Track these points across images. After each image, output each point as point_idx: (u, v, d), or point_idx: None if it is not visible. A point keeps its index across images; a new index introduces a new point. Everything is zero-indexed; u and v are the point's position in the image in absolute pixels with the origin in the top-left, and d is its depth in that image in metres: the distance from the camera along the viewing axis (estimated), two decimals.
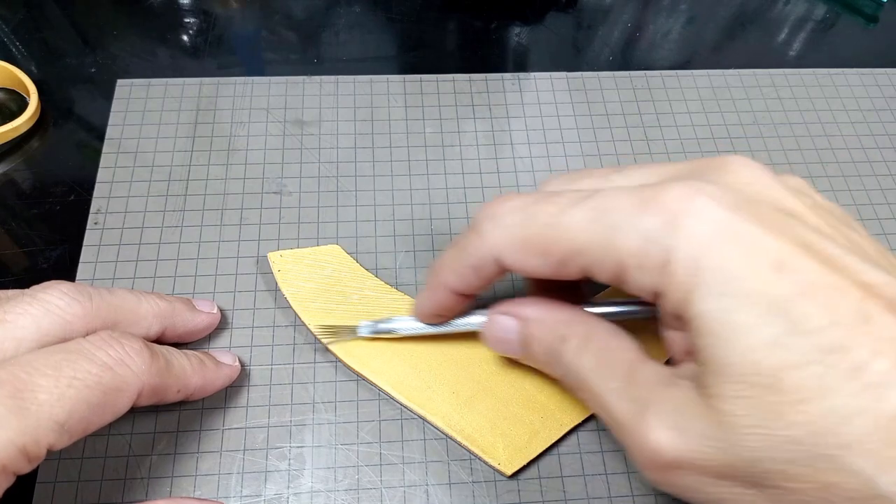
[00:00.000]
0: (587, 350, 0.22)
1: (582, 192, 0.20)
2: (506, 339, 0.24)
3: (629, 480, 0.26)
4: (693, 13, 0.41)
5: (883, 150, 0.35)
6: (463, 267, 0.23)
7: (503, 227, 0.21)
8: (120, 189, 0.32)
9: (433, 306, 0.25)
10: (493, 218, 0.22)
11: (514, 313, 0.24)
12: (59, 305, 0.22)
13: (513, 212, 0.21)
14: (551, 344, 0.23)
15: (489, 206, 0.22)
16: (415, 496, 0.25)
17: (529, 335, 0.23)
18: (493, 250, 0.21)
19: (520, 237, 0.21)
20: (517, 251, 0.21)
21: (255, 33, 0.39)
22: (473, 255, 0.22)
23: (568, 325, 0.23)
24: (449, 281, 0.24)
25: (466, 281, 0.23)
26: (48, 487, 0.25)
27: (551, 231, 0.20)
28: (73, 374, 0.20)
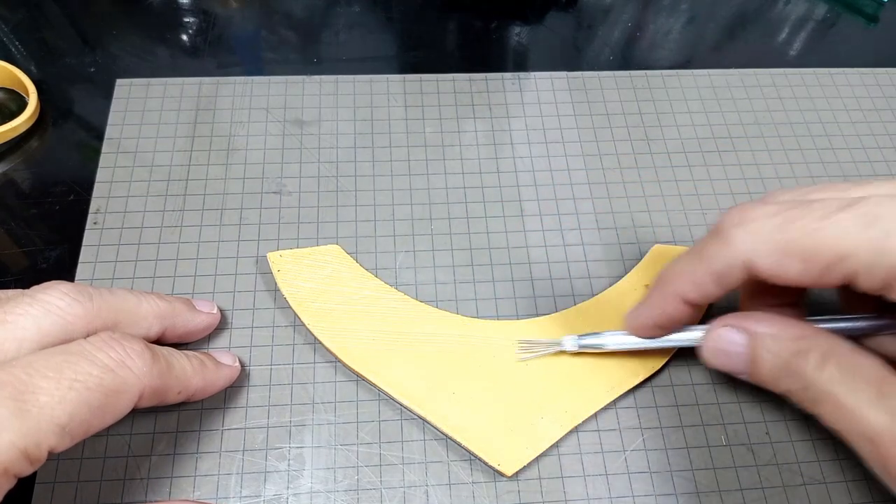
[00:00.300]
0: (831, 364, 0.21)
1: (843, 200, 0.20)
2: (732, 353, 0.24)
3: (629, 481, 0.26)
4: (693, 13, 0.41)
5: (883, 150, 0.35)
6: (703, 274, 0.22)
7: (757, 233, 0.21)
8: (119, 189, 0.32)
9: (658, 317, 0.25)
10: (745, 223, 0.21)
11: (743, 327, 0.23)
12: (59, 306, 0.22)
13: (768, 216, 0.21)
14: (787, 359, 0.22)
15: (736, 212, 0.22)
16: (415, 497, 0.25)
17: (760, 350, 0.23)
18: (744, 256, 0.21)
19: (781, 241, 0.21)
20: (775, 256, 0.21)
21: (254, 33, 0.38)
22: (718, 262, 0.22)
23: (805, 341, 0.22)
24: (684, 289, 0.23)
25: (704, 290, 0.23)
26: (48, 488, 0.25)
27: (817, 236, 0.20)
28: (74, 376, 0.20)
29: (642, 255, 0.31)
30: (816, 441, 0.27)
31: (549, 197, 0.33)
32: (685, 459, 0.27)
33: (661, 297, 0.24)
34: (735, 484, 0.26)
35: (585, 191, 0.33)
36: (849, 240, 0.20)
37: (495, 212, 0.32)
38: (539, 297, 0.30)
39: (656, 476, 0.26)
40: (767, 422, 0.27)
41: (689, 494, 0.26)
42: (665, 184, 0.33)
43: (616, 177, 0.34)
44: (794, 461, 0.27)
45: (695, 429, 0.27)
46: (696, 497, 0.26)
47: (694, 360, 0.29)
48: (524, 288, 0.30)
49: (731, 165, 0.34)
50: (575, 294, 0.30)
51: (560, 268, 0.31)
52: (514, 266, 0.31)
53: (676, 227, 0.32)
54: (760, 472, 0.26)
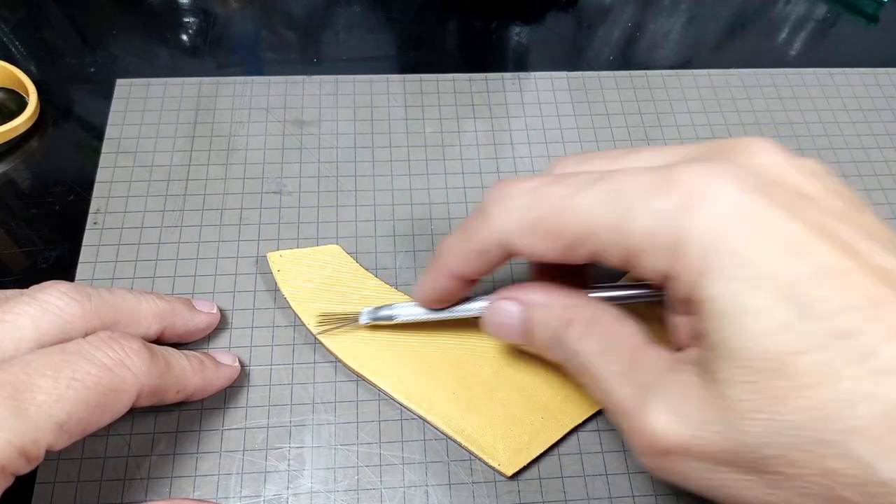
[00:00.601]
0: (591, 334, 0.22)
1: (594, 174, 0.20)
2: (508, 325, 0.24)
3: (629, 481, 0.26)
4: (693, 13, 0.41)
5: (883, 150, 0.35)
6: (468, 251, 0.22)
7: (511, 210, 0.21)
8: (119, 189, 0.32)
9: (435, 291, 0.25)
10: (501, 201, 0.21)
11: (517, 298, 0.24)
12: (58, 305, 0.22)
13: (521, 194, 0.21)
14: (554, 329, 0.22)
15: (496, 188, 0.22)
16: (415, 497, 0.25)
17: (532, 320, 0.23)
18: (500, 234, 0.21)
19: (528, 220, 0.21)
20: (526, 234, 0.21)
21: (254, 33, 0.38)
22: (480, 239, 0.22)
23: (572, 310, 0.22)
24: (453, 265, 0.23)
25: (471, 265, 0.23)
26: (47, 488, 0.25)
27: (561, 213, 0.20)
28: (72, 375, 0.20)
29: None
30: None
31: None
32: None
33: (435, 272, 0.24)
34: None
35: None
36: (592, 216, 0.19)
37: None
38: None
39: None
40: None
41: (689, 494, 0.26)
42: None
43: None
44: None
45: None
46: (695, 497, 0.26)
47: None
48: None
49: None
50: None
51: None
52: (513, 266, 0.31)
53: None
54: None
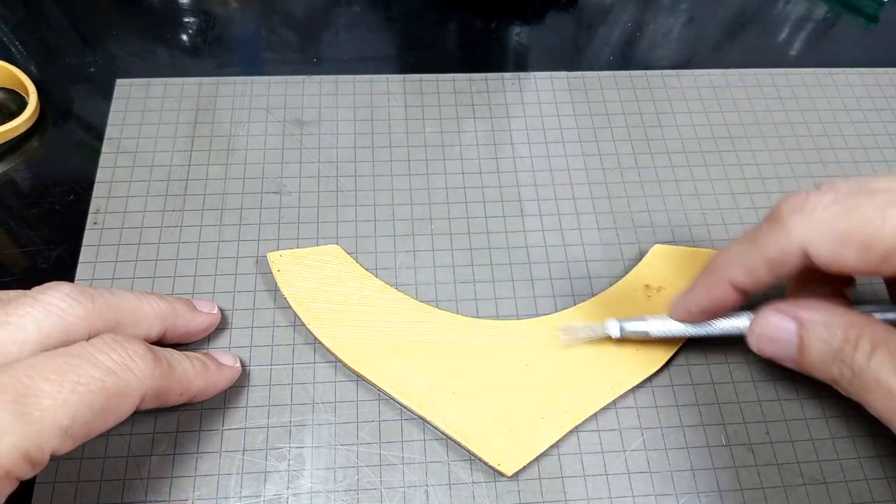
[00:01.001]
0: (882, 352, 0.21)
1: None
2: (780, 340, 0.24)
3: (629, 481, 0.26)
4: (693, 13, 0.41)
5: (883, 150, 0.35)
6: (756, 260, 0.22)
7: (816, 220, 0.21)
8: (119, 189, 0.32)
9: (706, 302, 0.25)
10: (803, 210, 0.21)
11: (792, 314, 0.23)
12: (60, 307, 0.22)
13: (828, 205, 0.21)
14: (837, 347, 0.22)
15: (793, 199, 0.22)
16: (415, 497, 0.25)
17: (811, 337, 0.23)
18: (801, 243, 0.21)
19: (839, 229, 0.21)
20: (832, 244, 0.21)
21: (254, 33, 0.38)
22: (774, 248, 0.22)
23: (857, 329, 0.22)
24: (735, 275, 0.23)
25: (756, 275, 0.23)
26: (48, 488, 0.25)
27: (876, 225, 0.20)
28: (76, 379, 0.20)
29: (642, 255, 0.31)
30: (816, 441, 0.27)
31: (549, 197, 0.33)
32: (685, 459, 0.27)
33: (710, 282, 0.24)
34: (735, 484, 0.26)
35: (585, 191, 0.33)
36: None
37: (495, 212, 0.32)
38: (539, 297, 0.30)
39: (656, 476, 0.26)
40: (767, 422, 0.27)
41: (689, 494, 0.26)
42: (665, 184, 0.33)
43: (616, 177, 0.34)
44: (794, 461, 0.27)
45: (695, 429, 0.27)
46: (695, 497, 0.26)
47: (694, 361, 0.29)
48: (524, 288, 0.30)
49: (731, 165, 0.34)
50: (575, 294, 0.30)
51: (560, 268, 0.31)
52: (514, 266, 0.31)
53: (676, 227, 0.32)
54: (760, 472, 0.26)
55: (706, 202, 0.33)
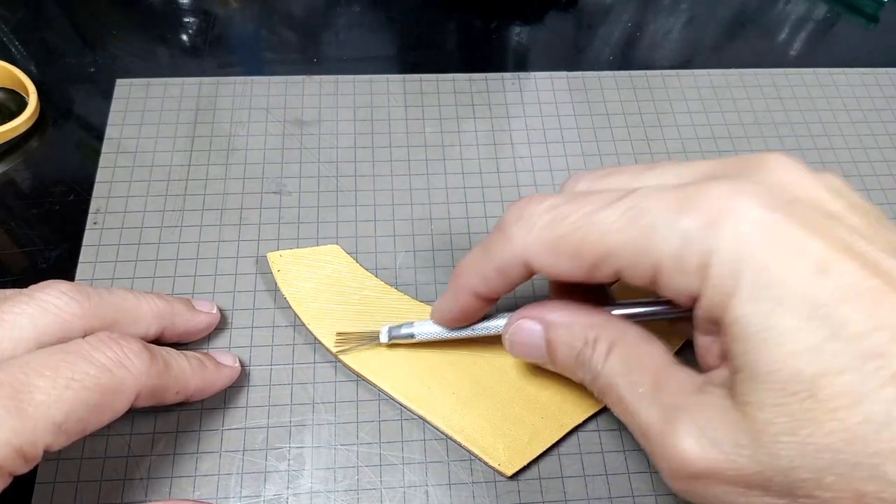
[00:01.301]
0: (615, 355, 0.21)
1: (615, 192, 0.20)
2: (530, 344, 0.23)
3: (629, 481, 0.26)
4: (693, 13, 0.41)
5: (883, 150, 0.35)
6: (488, 270, 0.22)
7: (532, 229, 0.21)
8: (119, 189, 0.32)
9: (455, 311, 0.25)
10: (521, 219, 0.21)
11: (539, 317, 0.23)
12: (57, 305, 0.22)
13: (542, 213, 0.21)
14: (578, 349, 0.22)
15: (516, 206, 0.21)
16: (415, 496, 0.25)
17: (555, 340, 0.23)
18: (521, 252, 0.21)
19: (550, 239, 0.20)
20: (547, 254, 0.20)
21: (254, 33, 0.38)
22: (500, 258, 0.22)
23: (595, 329, 0.22)
24: (473, 284, 0.23)
25: (491, 284, 0.23)
26: (47, 488, 0.25)
27: (584, 232, 0.20)
28: (71, 376, 0.20)
29: None
30: None
31: None
32: None
33: (454, 291, 0.24)
34: None
35: None
36: (612, 237, 0.19)
37: (495, 212, 0.32)
38: (539, 297, 0.30)
39: (656, 476, 0.26)
40: None
41: None
42: None
43: None
44: None
45: None
46: None
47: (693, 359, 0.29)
48: (524, 288, 0.30)
49: None
50: None
51: None
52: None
53: None
54: None
55: None
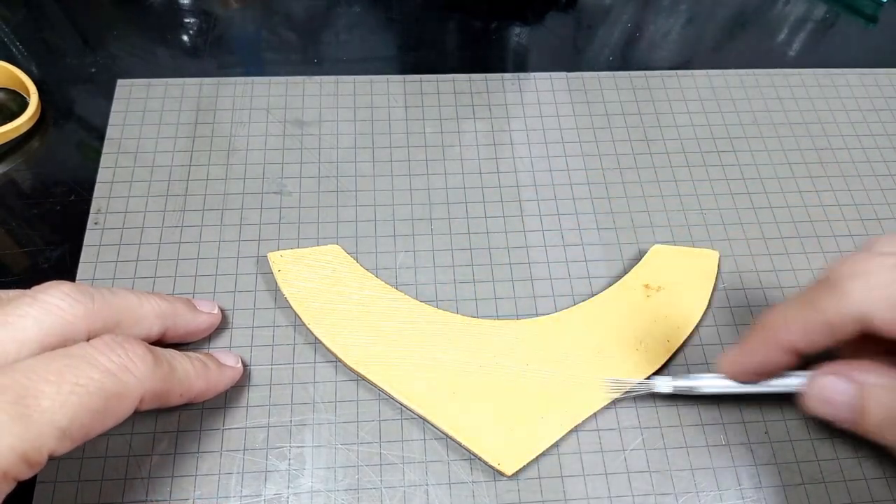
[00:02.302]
0: None
1: None
2: (836, 402, 0.23)
3: (629, 480, 0.26)
4: (693, 13, 0.41)
5: (883, 150, 0.35)
6: (815, 324, 0.22)
7: (875, 286, 0.20)
8: (120, 189, 0.32)
9: (758, 364, 0.24)
10: (860, 275, 0.20)
11: (848, 376, 0.23)
12: (60, 306, 0.22)
13: (886, 269, 0.20)
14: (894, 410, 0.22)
15: (850, 262, 0.21)
16: (415, 496, 0.25)
17: (868, 400, 0.22)
18: (859, 310, 0.20)
19: None
20: (892, 311, 0.20)
21: (255, 33, 0.39)
22: (832, 314, 0.21)
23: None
24: (790, 338, 0.22)
25: (812, 340, 0.22)
26: (48, 487, 0.25)
27: None
28: (75, 381, 0.20)
29: (642, 255, 0.31)
30: (815, 441, 0.27)
31: (548, 197, 0.33)
32: (684, 459, 0.27)
33: (764, 344, 0.23)
34: (734, 483, 0.26)
35: (585, 191, 0.33)
36: None
37: (495, 212, 0.32)
38: (539, 297, 0.30)
39: (655, 475, 0.26)
40: (767, 421, 0.27)
41: (688, 494, 0.26)
42: (664, 184, 0.34)
43: (616, 177, 0.34)
44: (794, 461, 0.27)
45: (694, 428, 0.27)
46: (695, 496, 0.26)
47: (693, 361, 0.29)
48: (524, 288, 0.30)
49: (730, 166, 0.34)
50: (575, 294, 0.30)
51: (560, 268, 0.31)
52: (514, 266, 0.31)
53: (676, 227, 0.32)
54: (759, 471, 0.26)
55: (705, 202, 0.33)
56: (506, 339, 0.28)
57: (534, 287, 0.30)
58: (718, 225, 0.32)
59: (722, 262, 0.31)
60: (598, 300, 0.30)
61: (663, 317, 0.29)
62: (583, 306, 0.30)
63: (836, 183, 0.34)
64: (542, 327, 0.29)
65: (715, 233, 0.32)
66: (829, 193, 0.34)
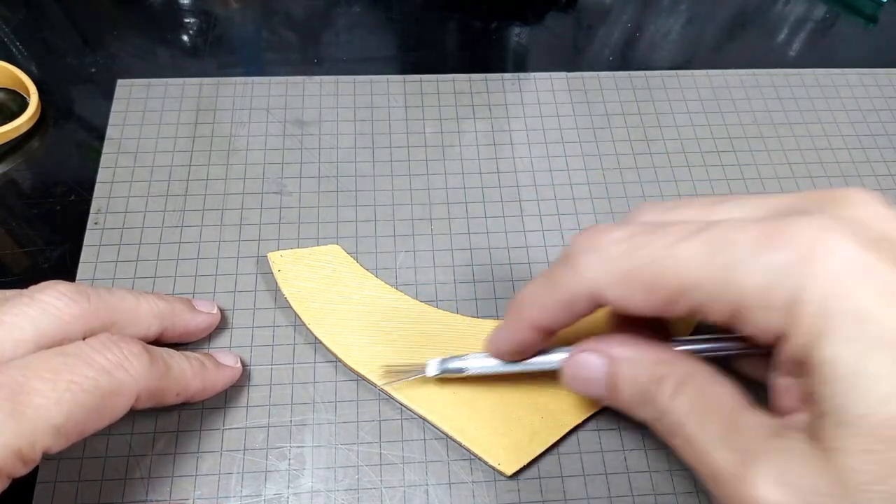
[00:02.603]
0: (684, 393, 0.20)
1: (694, 224, 0.19)
2: (591, 379, 0.22)
3: (629, 480, 0.26)
4: (693, 13, 0.41)
5: (883, 150, 0.35)
6: (553, 301, 0.21)
7: (603, 260, 0.20)
8: (120, 189, 0.32)
9: (513, 344, 0.24)
10: (591, 250, 0.20)
11: (601, 351, 0.22)
12: (56, 306, 0.22)
13: (614, 243, 0.20)
14: (644, 386, 0.21)
15: (584, 236, 0.21)
16: (415, 496, 0.25)
17: (618, 375, 0.22)
18: (591, 284, 0.20)
19: (624, 270, 0.19)
20: (620, 286, 0.20)
21: (255, 33, 0.39)
22: (567, 290, 0.21)
23: (663, 366, 0.21)
24: (535, 317, 0.22)
25: (555, 317, 0.22)
26: (48, 487, 0.25)
27: (661, 265, 0.19)
28: (70, 378, 0.20)
29: None
30: None
31: (548, 197, 0.33)
32: None
33: (514, 323, 0.23)
34: None
35: (585, 191, 0.33)
36: (693, 270, 0.18)
37: (495, 212, 0.32)
38: None
39: (656, 475, 0.26)
40: None
41: (688, 493, 0.26)
42: (664, 184, 0.34)
43: (615, 177, 0.34)
44: None
45: None
46: (695, 496, 0.26)
47: None
48: None
49: (730, 166, 0.34)
50: None
51: None
52: (514, 266, 0.31)
53: None
54: None
55: None
56: None
57: None
58: None
59: None
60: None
61: None
62: None
63: (835, 183, 0.34)
64: None
65: None
66: None
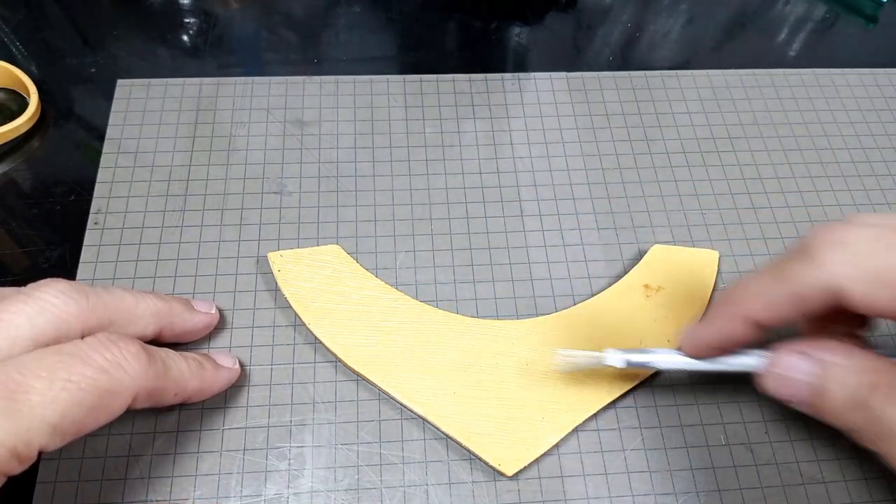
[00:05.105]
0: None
1: None
2: (794, 381, 0.22)
3: (629, 480, 0.26)
4: (693, 13, 0.41)
5: (883, 150, 0.35)
6: (781, 294, 0.20)
7: (851, 255, 0.19)
8: (120, 189, 0.32)
9: (717, 337, 0.23)
10: (836, 244, 0.19)
11: (810, 355, 0.22)
12: (54, 304, 0.22)
13: (864, 240, 0.19)
14: (855, 391, 0.21)
15: (826, 230, 0.20)
16: (415, 496, 0.25)
17: (828, 380, 0.21)
18: (832, 280, 0.19)
19: (875, 269, 0.19)
20: (868, 284, 0.19)
21: (255, 33, 0.39)
22: (801, 283, 0.20)
23: (876, 374, 0.21)
24: (755, 309, 0.21)
25: (778, 311, 0.21)
26: (48, 487, 0.25)
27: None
28: (67, 377, 0.20)
29: (642, 255, 0.31)
30: (815, 440, 0.27)
31: (548, 197, 0.33)
32: (684, 459, 0.27)
33: (725, 316, 0.22)
34: (734, 483, 0.26)
35: (585, 191, 0.33)
36: None
37: (495, 212, 0.32)
38: (539, 297, 0.30)
39: (655, 475, 0.26)
40: (767, 421, 0.27)
41: (688, 494, 0.26)
42: (664, 184, 0.34)
43: (615, 177, 0.34)
44: (794, 461, 0.27)
45: (694, 428, 0.27)
46: (695, 496, 0.26)
47: None
48: (524, 288, 0.30)
49: (730, 166, 0.34)
50: (574, 294, 0.30)
51: (560, 268, 0.31)
52: (514, 266, 0.31)
53: (676, 227, 0.32)
54: (759, 471, 0.26)
55: (705, 202, 0.33)
56: (506, 339, 0.28)
57: (534, 287, 0.30)
58: (718, 225, 0.32)
59: (722, 262, 0.31)
60: (598, 300, 0.30)
61: (663, 317, 0.29)
62: (583, 306, 0.30)
63: (836, 183, 0.34)
64: (542, 327, 0.29)
65: (715, 233, 0.32)
66: (829, 193, 0.34)
